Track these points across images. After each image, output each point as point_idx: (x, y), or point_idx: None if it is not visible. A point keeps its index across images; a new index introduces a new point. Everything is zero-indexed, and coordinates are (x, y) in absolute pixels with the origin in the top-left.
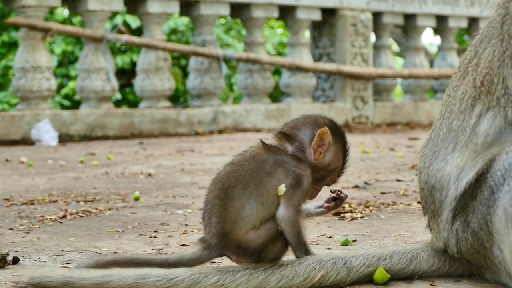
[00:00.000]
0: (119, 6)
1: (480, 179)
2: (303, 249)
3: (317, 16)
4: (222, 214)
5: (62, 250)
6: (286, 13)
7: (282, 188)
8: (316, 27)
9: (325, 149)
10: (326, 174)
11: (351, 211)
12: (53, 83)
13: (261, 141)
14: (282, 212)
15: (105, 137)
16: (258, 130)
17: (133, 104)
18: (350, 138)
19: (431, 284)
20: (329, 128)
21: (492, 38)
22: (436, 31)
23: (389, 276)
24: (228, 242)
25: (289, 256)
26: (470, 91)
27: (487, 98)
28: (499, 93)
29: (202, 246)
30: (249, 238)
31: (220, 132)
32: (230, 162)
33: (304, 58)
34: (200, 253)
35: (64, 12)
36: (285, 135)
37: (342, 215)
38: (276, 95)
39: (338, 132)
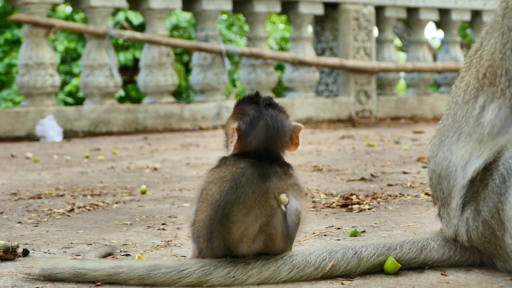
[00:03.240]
0: (122, 2)
1: (490, 168)
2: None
3: (319, 10)
4: (225, 237)
5: (71, 243)
6: (288, 8)
7: (284, 198)
8: (318, 21)
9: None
10: None
11: (358, 203)
12: (57, 79)
13: (249, 159)
14: (296, 204)
15: (109, 133)
16: None
17: (136, 100)
18: (354, 132)
19: (442, 274)
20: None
21: (494, 31)
22: (439, 24)
23: (400, 265)
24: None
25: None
26: (473, 82)
27: (490, 90)
28: (503, 85)
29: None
30: (252, 249)
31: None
32: (229, 187)
33: (307, 52)
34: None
35: (67, 9)
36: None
37: (350, 206)
38: (279, 90)
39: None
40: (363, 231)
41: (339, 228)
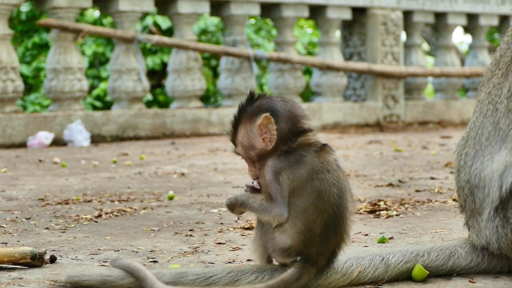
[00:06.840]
0: (150, 6)
1: None
2: None
3: (347, 15)
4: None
5: (99, 249)
6: (316, 13)
7: None
8: (346, 26)
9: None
10: None
11: (386, 209)
12: (85, 84)
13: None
14: None
15: (137, 138)
16: None
17: (164, 105)
18: (382, 137)
19: (470, 281)
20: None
21: None
22: (467, 29)
23: (428, 272)
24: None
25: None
26: None
27: None
28: None
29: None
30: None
31: None
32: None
33: (335, 57)
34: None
35: (95, 13)
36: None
37: (377, 213)
38: (307, 94)
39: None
40: (391, 238)
41: (366, 235)
